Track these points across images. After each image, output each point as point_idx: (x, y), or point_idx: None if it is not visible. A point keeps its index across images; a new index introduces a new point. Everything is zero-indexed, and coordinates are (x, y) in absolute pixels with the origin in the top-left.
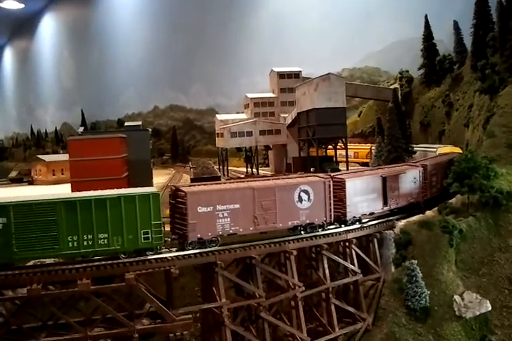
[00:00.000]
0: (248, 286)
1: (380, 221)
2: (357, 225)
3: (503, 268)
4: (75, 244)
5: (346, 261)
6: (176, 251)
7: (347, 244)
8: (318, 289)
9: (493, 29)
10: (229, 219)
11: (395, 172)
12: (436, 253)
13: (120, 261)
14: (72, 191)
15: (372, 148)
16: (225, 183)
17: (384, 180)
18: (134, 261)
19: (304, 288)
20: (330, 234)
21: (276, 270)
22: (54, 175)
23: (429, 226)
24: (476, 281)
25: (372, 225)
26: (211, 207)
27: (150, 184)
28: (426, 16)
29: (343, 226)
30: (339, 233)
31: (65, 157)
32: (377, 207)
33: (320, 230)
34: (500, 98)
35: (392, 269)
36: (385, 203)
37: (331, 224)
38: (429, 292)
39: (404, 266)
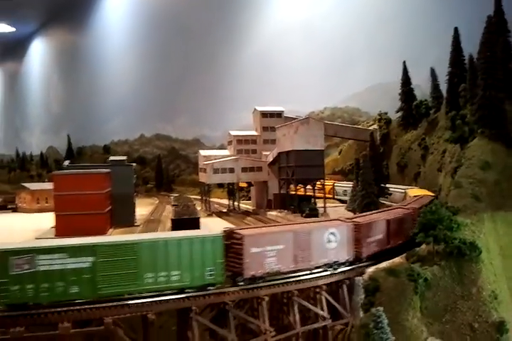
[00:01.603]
0: (221, 331)
1: (349, 268)
2: (328, 272)
3: (465, 316)
4: (152, 280)
5: (316, 306)
6: (230, 286)
7: (317, 289)
8: (289, 334)
9: (466, 79)
10: (275, 258)
11: (396, 215)
12: (402, 300)
13: (99, 305)
14: (56, 224)
15: (336, 184)
16: (273, 226)
17: (388, 222)
18: (112, 305)
19: (274, 332)
20: (301, 280)
21: (249, 314)
22: (38, 203)
23: (395, 273)
24: (440, 328)
25: (342, 272)
26: (262, 248)
27: (132, 218)
28: (404, 62)
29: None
30: (310, 279)
31: (49, 186)
32: (384, 246)
33: (343, 266)
34: (468, 149)
35: (361, 314)
36: (388, 242)
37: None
38: (394, 338)
39: (371, 312)
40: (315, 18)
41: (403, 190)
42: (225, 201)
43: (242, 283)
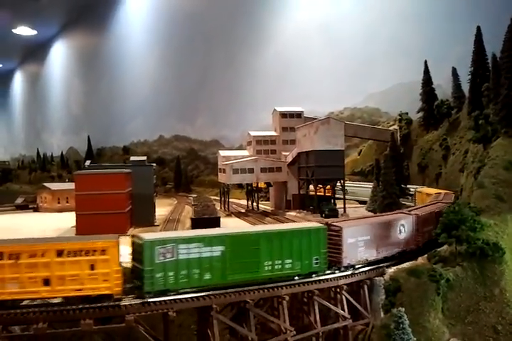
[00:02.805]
0: (241, 330)
1: (370, 268)
2: (348, 272)
3: (488, 317)
4: (270, 268)
5: (337, 306)
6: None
7: (338, 289)
8: (309, 333)
9: (489, 78)
10: (364, 248)
11: (440, 208)
12: (424, 301)
13: (121, 303)
14: (77, 223)
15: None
16: (359, 219)
17: (436, 214)
18: (134, 303)
19: (295, 332)
20: (321, 280)
21: (269, 313)
22: (59, 203)
23: (417, 274)
24: (462, 329)
25: (362, 272)
26: (355, 239)
27: (152, 217)
28: (425, 62)
29: None
30: (330, 279)
31: (69, 186)
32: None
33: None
34: (492, 149)
35: (382, 315)
36: None
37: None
38: (415, 339)
39: (393, 312)
40: (335, 17)
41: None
42: (244, 202)
43: (337, 271)
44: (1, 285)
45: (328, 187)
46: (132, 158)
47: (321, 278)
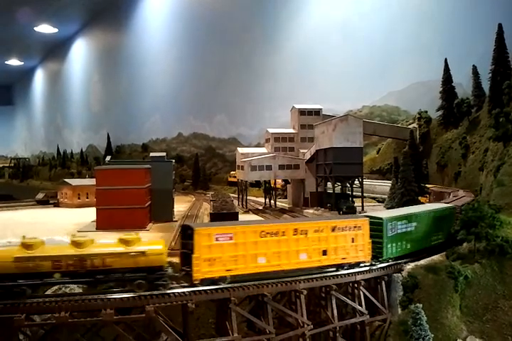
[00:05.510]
0: (259, 322)
1: (388, 264)
2: (366, 268)
3: (507, 315)
4: (431, 239)
5: (354, 301)
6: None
7: (355, 285)
8: (326, 328)
9: (510, 76)
10: None
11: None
12: (442, 297)
13: (141, 294)
14: (97, 218)
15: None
16: (462, 198)
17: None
18: (153, 294)
19: (312, 326)
20: (339, 275)
21: (287, 307)
22: (79, 198)
23: (435, 271)
24: (480, 327)
25: (380, 268)
26: None
27: (171, 213)
28: (445, 60)
29: None
30: (348, 274)
31: (89, 181)
32: None
33: None
34: None
35: (399, 311)
36: None
37: None
38: (432, 335)
39: (410, 309)
40: (354, 15)
41: None
42: (261, 199)
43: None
44: (296, 255)
45: None
46: (152, 154)
47: (338, 273)
